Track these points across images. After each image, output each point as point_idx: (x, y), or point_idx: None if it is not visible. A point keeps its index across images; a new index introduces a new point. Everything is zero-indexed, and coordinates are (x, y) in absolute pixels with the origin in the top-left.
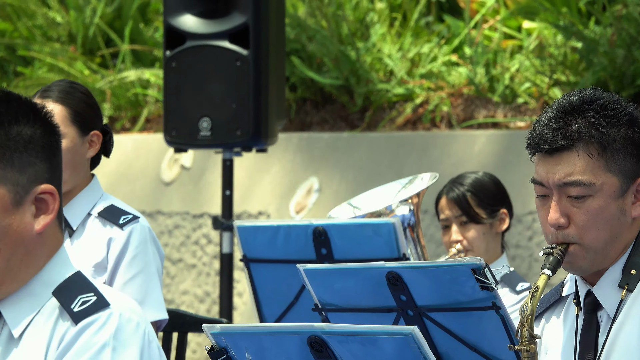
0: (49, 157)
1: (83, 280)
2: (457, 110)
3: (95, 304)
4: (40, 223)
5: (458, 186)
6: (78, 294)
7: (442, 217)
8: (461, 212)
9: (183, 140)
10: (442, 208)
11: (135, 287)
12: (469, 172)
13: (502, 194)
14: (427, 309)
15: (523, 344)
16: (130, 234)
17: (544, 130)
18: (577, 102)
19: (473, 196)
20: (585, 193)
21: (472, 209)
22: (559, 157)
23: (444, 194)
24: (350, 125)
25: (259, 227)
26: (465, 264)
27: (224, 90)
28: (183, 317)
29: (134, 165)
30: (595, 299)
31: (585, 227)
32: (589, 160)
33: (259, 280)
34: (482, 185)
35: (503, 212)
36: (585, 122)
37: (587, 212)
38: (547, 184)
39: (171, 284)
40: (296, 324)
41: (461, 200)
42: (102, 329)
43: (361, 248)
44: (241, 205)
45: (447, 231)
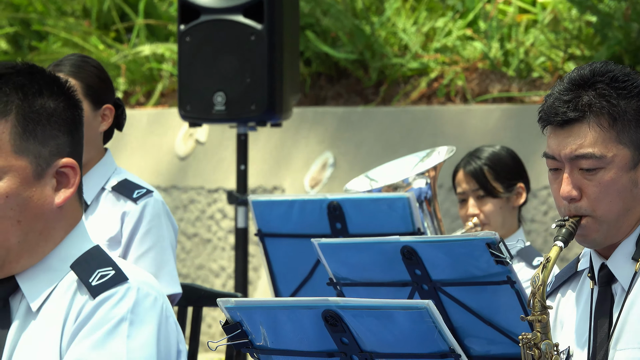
0: (71, 130)
1: (101, 254)
2: (472, 85)
3: (113, 278)
4: (60, 197)
5: (475, 160)
6: (96, 267)
7: (458, 190)
8: (478, 185)
9: (197, 115)
10: (459, 181)
11: (149, 260)
12: (486, 146)
13: (519, 168)
14: (441, 283)
15: (535, 315)
16: (144, 207)
17: (555, 103)
18: (588, 75)
19: (490, 170)
20: (596, 165)
21: (489, 183)
22: (570, 130)
23: (461, 168)
24: (365, 100)
25: (274, 202)
26: (480, 238)
27: (238, 64)
28: (198, 291)
29: (149, 140)
30: (609, 272)
31: (597, 200)
32: (600, 132)
33: (274, 255)
34: (500, 159)
35: (520, 186)
36: (596, 94)
37: (599, 185)
38: (558, 157)
39: (186, 258)
40: (311, 298)
41: (478, 173)
42: (119, 303)
43: (376, 222)
44: (256, 180)
45: (464, 205)
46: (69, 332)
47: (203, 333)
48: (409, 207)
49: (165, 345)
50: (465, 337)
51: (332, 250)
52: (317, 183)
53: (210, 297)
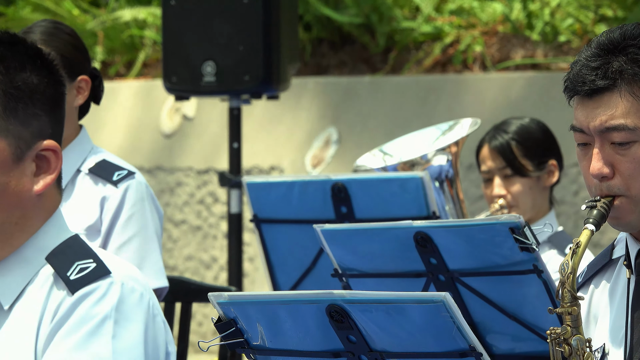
0: (53, 110)
1: (80, 245)
2: (492, 51)
3: (94, 271)
4: (40, 183)
5: (502, 134)
6: (75, 259)
7: (483, 168)
8: (505, 163)
9: (185, 87)
10: (483, 158)
11: (132, 250)
12: (514, 118)
13: (551, 143)
14: (460, 273)
15: (564, 306)
16: (126, 191)
17: (582, 71)
18: (619, 39)
19: (519, 145)
20: (629, 139)
21: (518, 160)
22: (599, 100)
23: (486, 143)
24: (372, 69)
25: (271, 184)
26: (503, 222)
27: (230, 30)
28: (187, 285)
29: (130, 115)
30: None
31: (631, 177)
32: (632, 102)
33: (272, 243)
34: (529, 133)
35: (552, 163)
36: (627, 60)
37: (633, 160)
38: (587, 130)
39: (173, 248)
40: (314, 291)
41: (505, 149)
42: (102, 300)
43: (386, 206)
44: (251, 160)
45: (489, 184)
46: (45, 332)
47: (193, 332)
48: (423, 187)
49: (153, 346)
50: (487, 334)
51: (337, 237)
52: (319, 162)
53: (200, 291)
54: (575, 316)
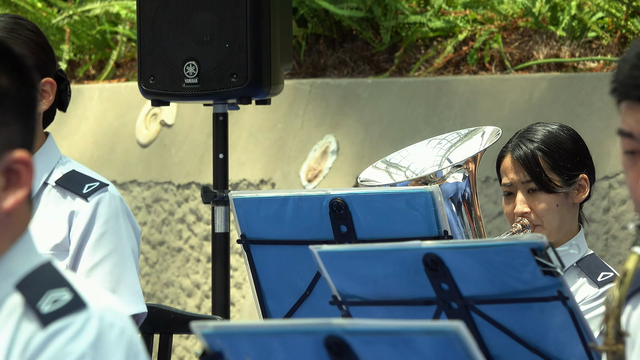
0: (25, 116)
1: (54, 272)
2: (511, 49)
3: (70, 304)
4: (10, 200)
5: (526, 143)
6: (47, 288)
7: (504, 181)
8: (530, 176)
9: (163, 90)
10: (505, 170)
11: (105, 272)
12: (540, 124)
13: (583, 154)
14: (475, 300)
15: (608, 344)
16: (97, 205)
17: (633, 72)
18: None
19: (546, 157)
20: None
21: (545, 174)
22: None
23: (509, 153)
24: (376, 69)
25: (262, 199)
26: (523, 242)
27: (215, 25)
28: (167, 314)
29: (102, 122)
30: None
31: None
32: None
33: (262, 267)
34: (558, 143)
35: (583, 177)
36: None
37: None
38: (638, 135)
39: (151, 273)
40: (310, 320)
41: (530, 161)
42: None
43: (391, 224)
44: (238, 172)
45: (511, 199)
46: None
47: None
48: (434, 203)
49: None
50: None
51: (336, 260)
52: (316, 175)
53: (182, 321)
54: (619, 355)
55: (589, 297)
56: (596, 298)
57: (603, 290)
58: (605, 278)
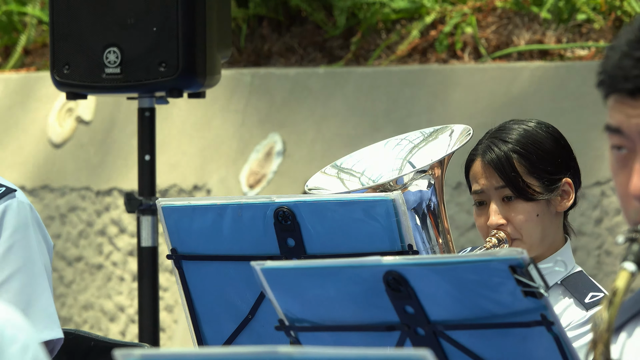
0: None
1: None
2: (488, 33)
3: None
4: None
5: (499, 144)
6: None
7: (475, 188)
8: (504, 182)
9: (80, 81)
10: (475, 176)
11: (13, 292)
12: (514, 122)
13: (566, 155)
14: (444, 325)
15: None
16: (4, 214)
17: (623, 62)
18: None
19: (522, 159)
20: None
21: (521, 178)
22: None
23: (479, 155)
24: (329, 57)
25: (196, 208)
26: (500, 258)
27: (141, 6)
28: (86, 341)
29: (8, 118)
30: None
31: None
32: None
33: (197, 287)
34: (536, 143)
35: (566, 182)
36: None
37: None
38: (628, 132)
39: (66, 293)
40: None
41: (504, 164)
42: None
43: (346, 237)
44: (168, 177)
45: (483, 209)
46: None
47: None
48: (396, 213)
49: None
50: None
51: (283, 279)
52: (258, 180)
53: (103, 349)
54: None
55: (576, 322)
56: (584, 323)
57: (592, 313)
58: (594, 299)
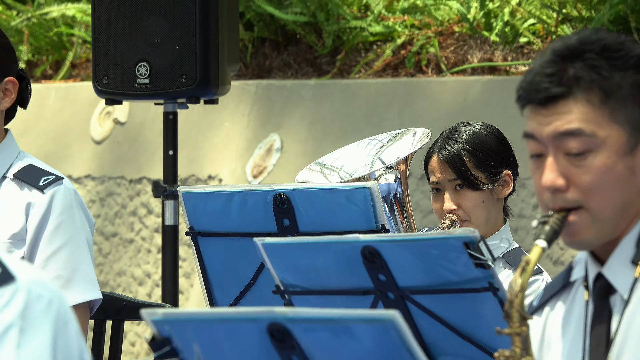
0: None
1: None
2: (447, 53)
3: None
4: None
5: (452, 143)
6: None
7: (432, 179)
8: (456, 175)
9: (116, 90)
10: (432, 169)
11: (61, 261)
12: (464, 125)
13: (506, 152)
14: (410, 290)
15: (513, 327)
16: (53, 197)
17: (535, 78)
18: (575, 45)
19: (470, 156)
20: (586, 147)
21: (470, 172)
22: (554, 108)
23: (435, 153)
24: (318, 71)
25: (209, 194)
26: (456, 236)
27: (166, 28)
28: (119, 302)
29: (58, 120)
30: (606, 282)
31: (588, 190)
32: (590, 109)
33: (209, 258)
34: (482, 142)
35: (506, 174)
36: (584, 66)
37: (589, 172)
38: (540, 137)
39: (104, 262)
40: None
41: (456, 160)
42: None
43: (331, 218)
44: (187, 168)
45: (439, 197)
46: None
47: (125, 352)
48: (372, 199)
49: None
50: (438, 355)
51: (279, 252)
52: (261, 171)
53: (133, 308)
54: (524, 337)
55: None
56: None
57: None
58: None
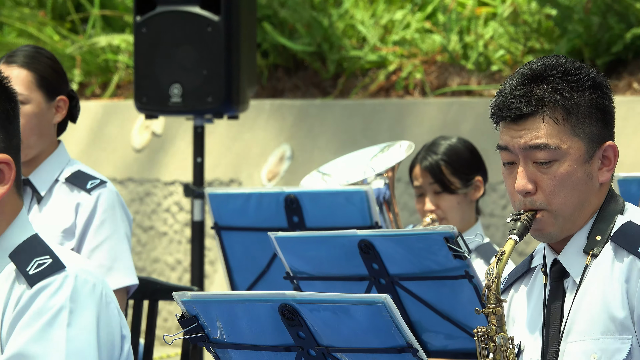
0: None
1: (39, 243)
2: (431, 78)
3: (50, 266)
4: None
5: (432, 155)
6: (34, 256)
7: (416, 184)
8: (435, 181)
9: (154, 107)
10: (415, 176)
11: (105, 252)
12: (442, 139)
13: (477, 161)
14: (399, 277)
15: (490, 307)
16: (98, 198)
17: (507, 99)
18: (540, 69)
19: (447, 165)
20: (551, 157)
21: (446, 178)
22: (524, 124)
23: (418, 163)
24: (323, 92)
25: (231, 195)
26: (438, 232)
27: (195, 56)
28: (154, 284)
29: (105, 131)
30: (561, 267)
31: (552, 193)
32: (554, 125)
33: (231, 248)
34: (457, 153)
35: (478, 179)
36: (548, 88)
37: (554, 178)
38: (512, 149)
39: (142, 251)
40: (268, 292)
41: (435, 169)
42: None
43: (333, 216)
44: (212, 173)
45: (421, 199)
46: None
47: (159, 327)
48: (367, 200)
49: (107, 330)
50: (423, 332)
51: (289, 244)
52: (274, 176)
53: (166, 290)
54: (499, 316)
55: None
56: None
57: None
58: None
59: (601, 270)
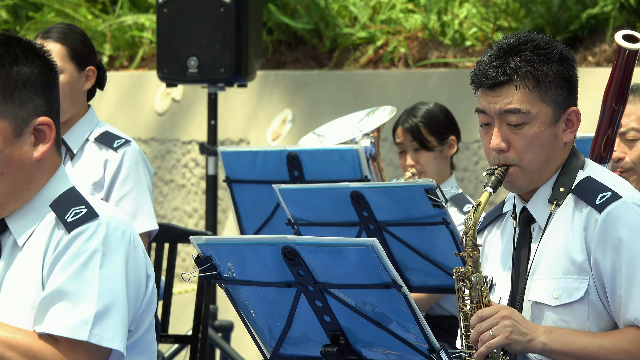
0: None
1: (76, 195)
2: (413, 52)
3: (86, 215)
4: (38, 151)
5: (412, 117)
6: (71, 206)
7: (397, 142)
8: (414, 139)
9: (174, 77)
10: (398, 136)
11: (129, 201)
12: (421, 104)
13: (451, 123)
14: (385, 223)
15: (467, 251)
16: (124, 155)
17: (485, 69)
18: (514, 43)
19: (425, 126)
20: (523, 121)
21: (424, 137)
22: (500, 91)
23: (400, 125)
24: (320, 64)
25: (240, 152)
26: (419, 184)
27: (209, 33)
28: (174, 230)
29: (131, 98)
30: (529, 214)
31: (523, 151)
32: (525, 93)
33: (240, 199)
34: (433, 116)
35: (452, 138)
36: (521, 60)
37: (524, 138)
38: (489, 112)
39: (164, 201)
40: (272, 236)
41: (414, 130)
42: (92, 237)
43: (329, 170)
44: (224, 133)
45: (403, 156)
46: (48, 262)
47: (178, 266)
48: (358, 157)
49: (134, 270)
50: (406, 271)
51: (291, 195)
52: (277, 136)
53: (184, 235)
54: (475, 259)
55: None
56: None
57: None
58: (468, 209)
59: (563, 218)
